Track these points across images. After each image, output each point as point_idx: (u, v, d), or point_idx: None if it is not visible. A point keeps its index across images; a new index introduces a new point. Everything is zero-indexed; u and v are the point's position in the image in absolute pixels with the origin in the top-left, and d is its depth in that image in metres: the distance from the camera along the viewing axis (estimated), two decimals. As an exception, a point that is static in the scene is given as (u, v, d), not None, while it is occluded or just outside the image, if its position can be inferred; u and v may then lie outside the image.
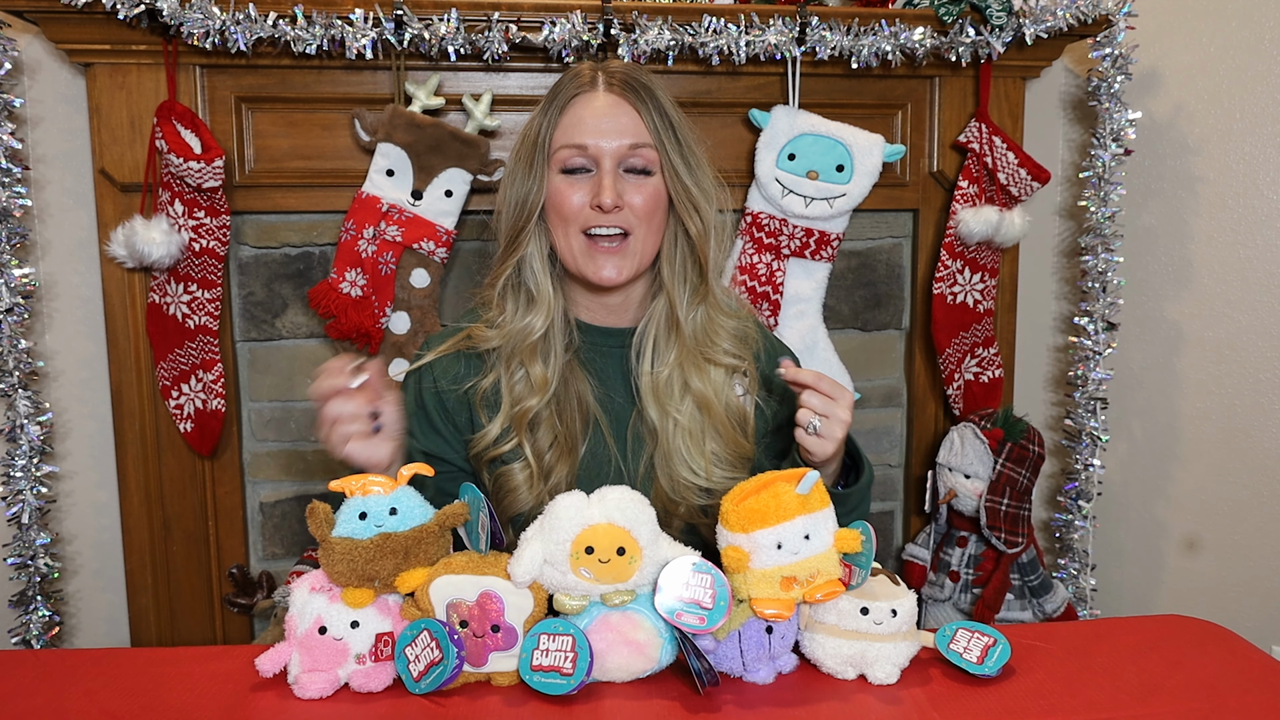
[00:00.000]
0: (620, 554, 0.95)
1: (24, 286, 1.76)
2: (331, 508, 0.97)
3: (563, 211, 1.17)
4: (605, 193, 1.13)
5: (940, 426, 2.14)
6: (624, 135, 1.15)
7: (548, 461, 1.19)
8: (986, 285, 2.04)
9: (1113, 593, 2.24)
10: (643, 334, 1.24)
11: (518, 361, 1.20)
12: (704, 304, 1.22)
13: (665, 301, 1.23)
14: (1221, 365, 2.07)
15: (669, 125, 1.18)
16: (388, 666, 0.97)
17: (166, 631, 1.93)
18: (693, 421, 1.20)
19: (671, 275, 1.22)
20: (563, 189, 1.16)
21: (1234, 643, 1.09)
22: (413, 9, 1.72)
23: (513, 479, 1.20)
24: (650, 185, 1.17)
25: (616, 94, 1.16)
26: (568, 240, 1.18)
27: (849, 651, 0.98)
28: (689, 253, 1.22)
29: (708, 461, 1.20)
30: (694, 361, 1.22)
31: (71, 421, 1.95)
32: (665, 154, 1.17)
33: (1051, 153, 2.21)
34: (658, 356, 1.22)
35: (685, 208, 1.19)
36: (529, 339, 1.19)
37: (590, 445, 1.22)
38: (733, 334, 1.25)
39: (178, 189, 1.75)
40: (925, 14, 1.88)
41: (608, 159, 1.15)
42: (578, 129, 1.15)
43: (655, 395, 1.21)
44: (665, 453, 1.20)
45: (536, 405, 1.19)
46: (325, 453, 1.10)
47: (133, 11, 1.63)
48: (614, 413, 1.24)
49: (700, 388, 1.21)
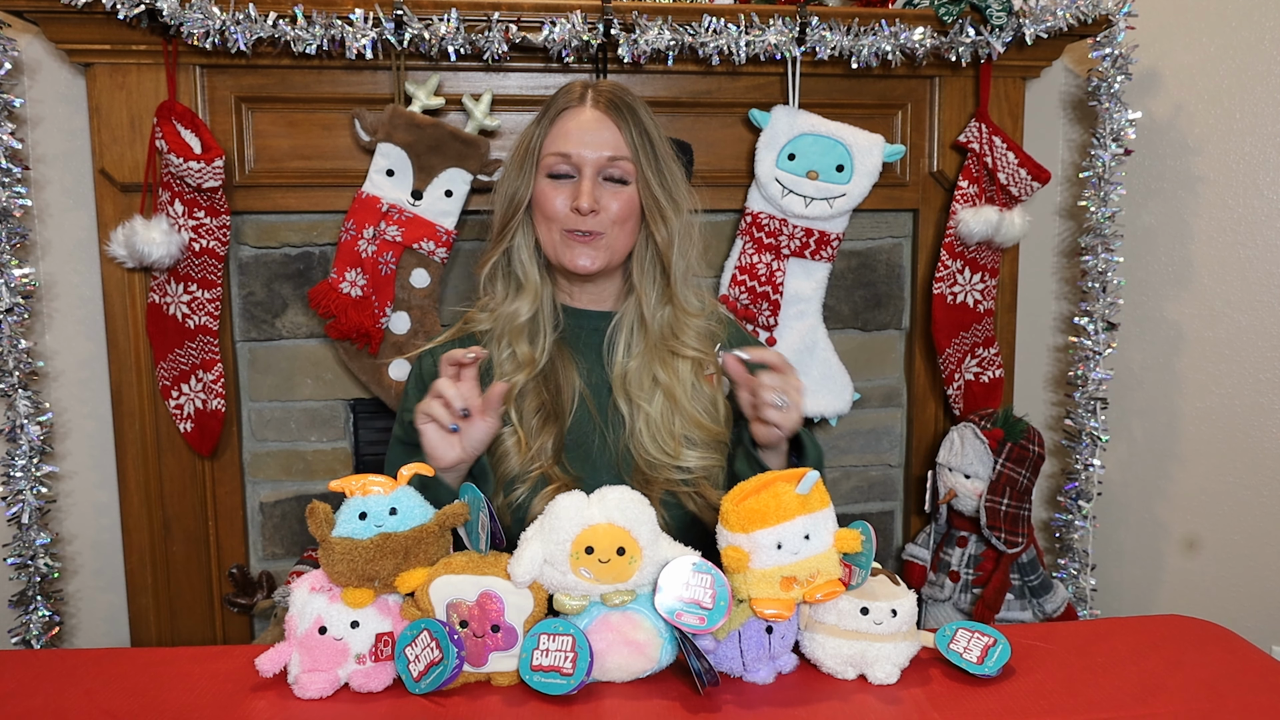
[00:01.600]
0: (620, 554, 0.95)
1: (24, 286, 1.76)
2: (331, 508, 0.97)
3: (546, 211, 1.29)
4: (583, 197, 1.26)
5: (940, 426, 2.14)
6: (604, 148, 1.27)
7: (533, 426, 1.29)
8: (986, 285, 2.04)
9: (1113, 593, 2.24)
10: (616, 328, 1.35)
11: (506, 341, 1.32)
12: (670, 304, 1.34)
13: (635, 299, 1.35)
14: (1221, 365, 2.07)
15: (647, 142, 1.30)
16: (388, 666, 0.97)
17: (166, 631, 1.93)
18: (660, 411, 1.30)
19: (641, 276, 1.34)
20: (548, 191, 1.29)
21: (1234, 643, 1.09)
22: (413, 9, 1.72)
23: (503, 444, 1.28)
24: (625, 193, 1.29)
25: (602, 110, 1.29)
26: (550, 235, 1.30)
27: (849, 651, 0.98)
28: (655, 257, 1.34)
29: (678, 444, 1.29)
30: (660, 355, 1.32)
31: (71, 421, 1.95)
32: (640, 167, 1.29)
33: (1051, 153, 2.21)
34: (628, 349, 1.34)
35: (654, 217, 1.31)
36: (515, 321, 1.32)
37: (576, 416, 1.32)
38: (698, 331, 1.35)
39: (178, 189, 1.75)
40: (925, 14, 1.88)
41: (588, 167, 1.27)
42: (564, 139, 1.28)
43: (625, 387, 1.32)
44: (639, 439, 1.30)
45: (522, 380, 1.29)
46: (325, 453, 1.11)
47: (133, 11, 1.63)
48: (595, 388, 1.34)
49: (667, 380, 1.31)
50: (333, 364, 1.93)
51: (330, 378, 1.94)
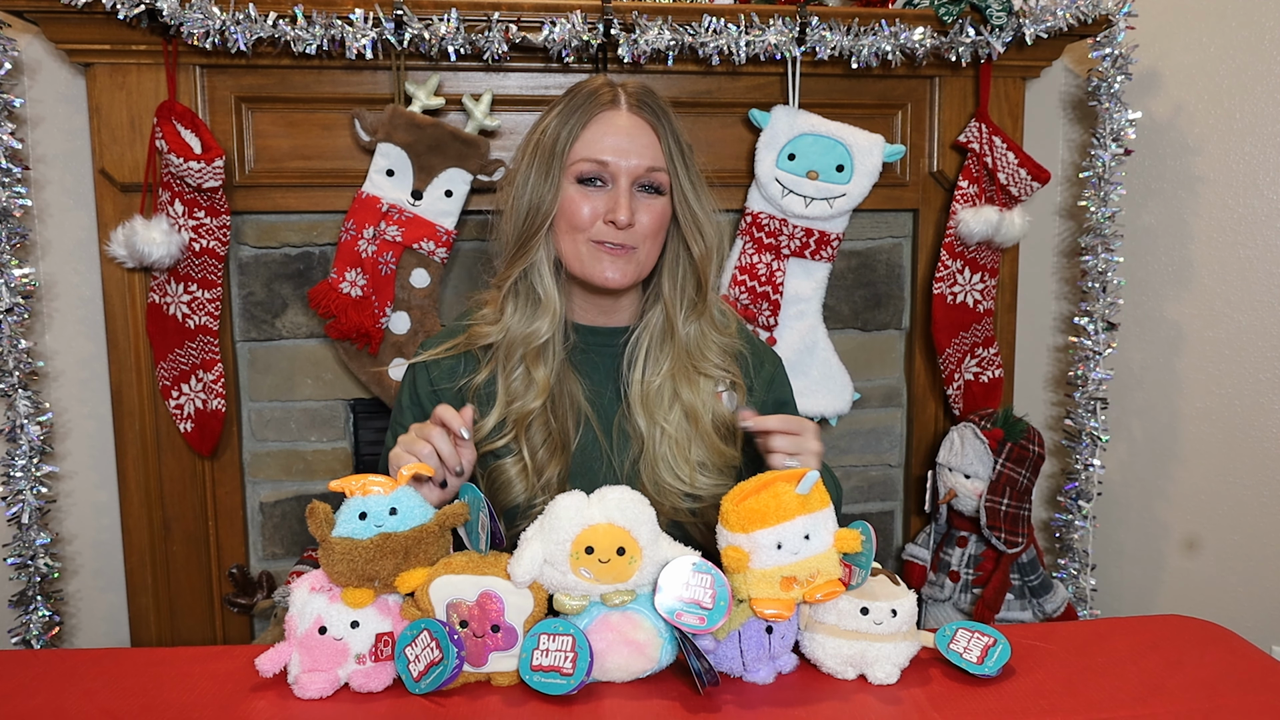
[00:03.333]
0: (620, 554, 0.95)
1: (24, 286, 1.76)
2: (331, 508, 0.97)
3: (574, 220, 1.20)
4: (621, 210, 1.18)
5: (940, 426, 2.14)
6: (643, 157, 1.20)
7: (540, 458, 1.22)
8: (986, 285, 2.04)
9: (1113, 593, 2.24)
10: (636, 342, 1.27)
11: (518, 360, 1.23)
12: (700, 319, 1.27)
13: (662, 313, 1.27)
14: (1221, 365, 2.07)
15: (681, 150, 1.23)
16: (388, 666, 0.97)
17: (166, 631, 1.93)
18: (680, 431, 1.24)
19: (672, 289, 1.26)
20: (576, 198, 1.20)
21: (1234, 643, 1.09)
22: (413, 9, 1.72)
23: (505, 473, 1.22)
24: (659, 204, 1.22)
25: (637, 115, 1.21)
26: (575, 246, 1.21)
27: (849, 651, 0.98)
28: (689, 269, 1.26)
29: (692, 469, 1.23)
30: (685, 373, 1.26)
31: (71, 421, 1.95)
32: (676, 177, 1.22)
33: (1051, 153, 2.21)
34: (650, 365, 1.26)
35: (691, 229, 1.24)
36: (534, 342, 1.23)
37: (582, 441, 1.25)
38: (722, 349, 1.29)
39: (178, 189, 1.75)
40: (925, 14, 1.88)
41: (624, 177, 1.19)
42: (599, 145, 1.19)
43: (645, 404, 1.25)
44: (651, 459, 1.23)
45: (536, 407, 1.22)
46: (325, 453, 1.10)
47: (133, 11, 1.63)
48: (602, 409, 1.27)
49: (690, 398, 1.25)
50: (333, 364, 1.93)
51: (330, 378, 1.94)
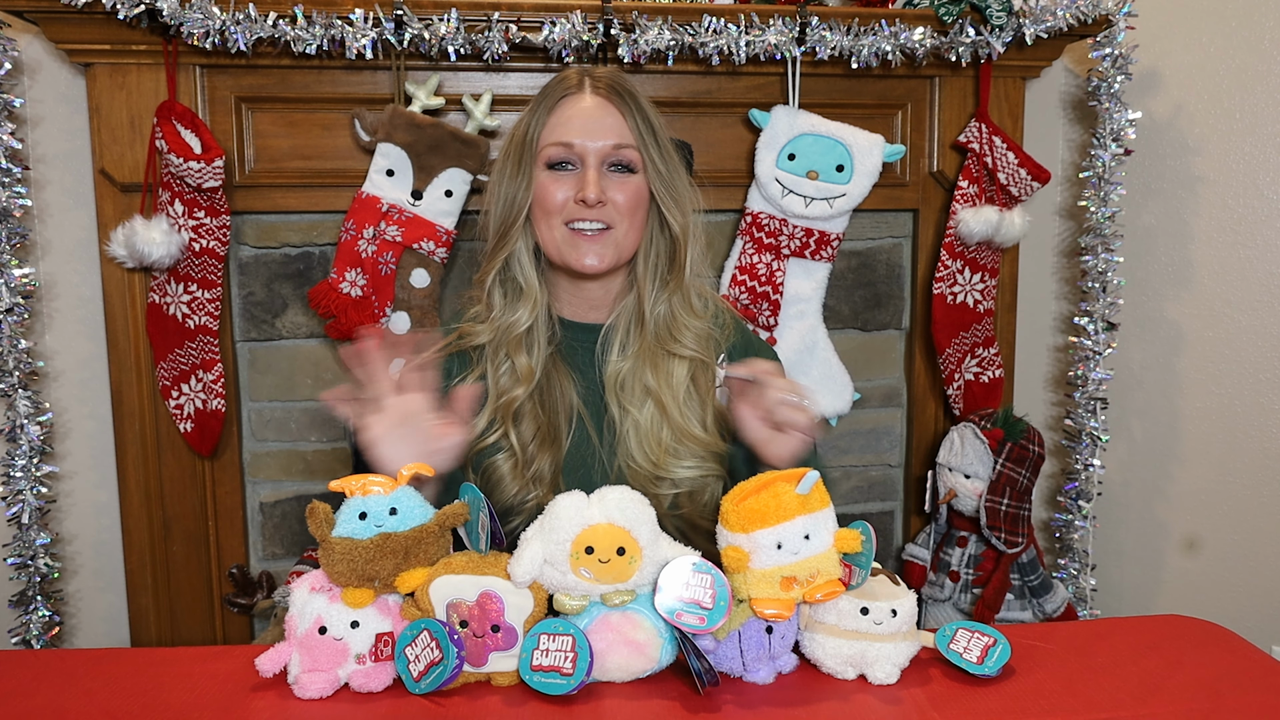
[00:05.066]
0: (620, 554, 0.95)
1: (24, 286, 1.76)
2: (331, 508, 0.97)
3: (546, 205, 1.21)
4: (589, 188, 1.18)
5: (940, 426, 2.14)
6: (609, 135, 1.20)
7: (530, 451, 1.22)
8: (986, 285, 2.04)
9: (1113, 593, 2.24)
10: (611, 327, 1.28)
11: (504, 354, 1.25)
12: (671, 298, 1.27)
13: (635, 296, 1.28)
14: (1221, 365, 2.07)
15: (650, 129, 1.23)
16: (388, 666, 0.97)
17: (166, 631, 1.93)
18: (650, 417, 1.24)
19: (645, 269, 1.27)
20: (547, 184, 1.21)
21: (1234, 643, 1.09)
22: (413, 9, 1.72)
23: (498, 469, 1.23)
24: (633, 183, 1.22)
25: (602, 96, 1.22)
26: (551, 232, 1.22)
27: (849, 651, 0.98)
28: (664, 248, 1.27)
29: (664, 453, 1.23)
30: (653, 358, 1.25)
31: (71, 421, 1.95)
32: (647, 154, 1.22)
33: (1051, 153, 2.21)
34: (622, 350, 1.27)
35: (667, 204, 1.24)
36: (515, 331, 1.25)
37: (574, 439, 1.25)
38: (697, 333, 1.28)
39: (178, 189, 1.75)
40: (925, 14, 1.88)
41: (592, 156, 1.20)
42: (564, 128, 1.20)
43: (616, 389, 1.26)
44: (624, 444, 1.24)
45: (521, 395, 1.23)
46: (325, 453, 1.10)
47: (133, 11, 1.63)
48: (591, 404, 1.27)
49: (655, 386, 1.24)
50: (333, 364, 1.93)
51: (330, 378, 1.94)
